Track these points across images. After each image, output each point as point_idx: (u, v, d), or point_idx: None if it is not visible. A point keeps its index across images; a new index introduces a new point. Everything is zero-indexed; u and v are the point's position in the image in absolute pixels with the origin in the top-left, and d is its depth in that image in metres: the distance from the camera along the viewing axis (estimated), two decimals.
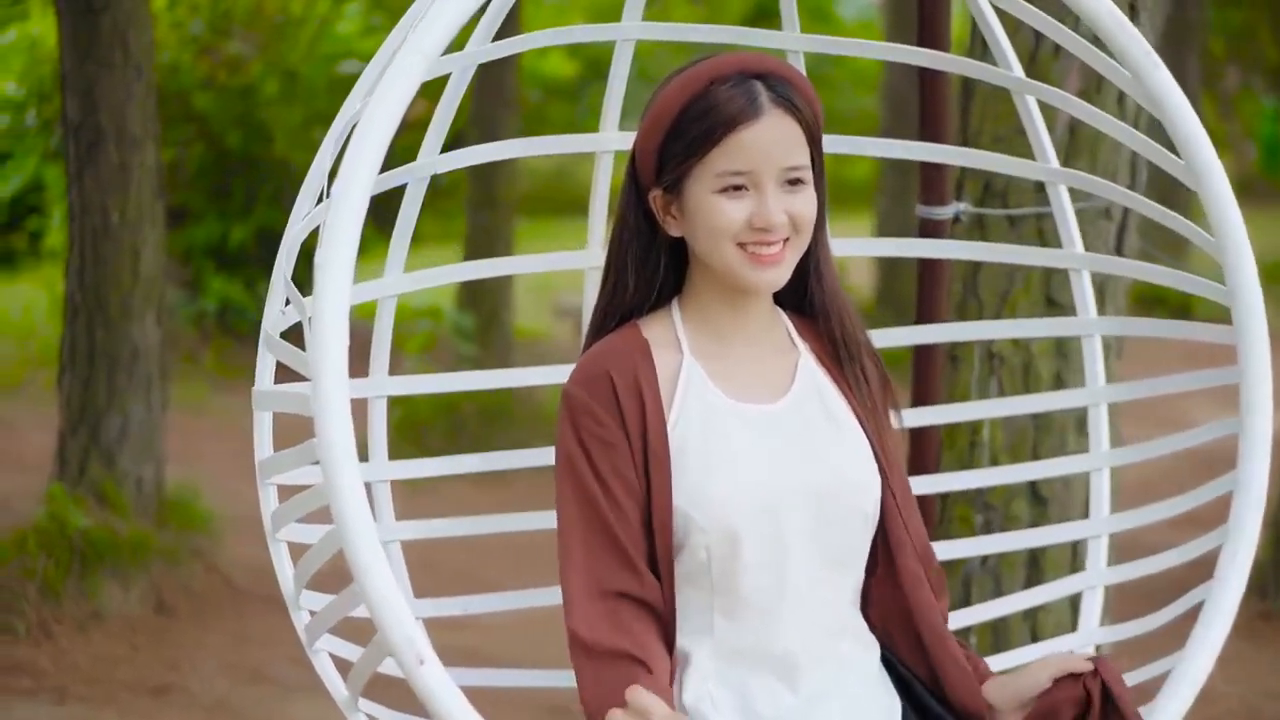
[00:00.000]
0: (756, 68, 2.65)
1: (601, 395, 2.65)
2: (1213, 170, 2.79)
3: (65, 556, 6.50)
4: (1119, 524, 3.38)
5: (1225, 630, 2.73)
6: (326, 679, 2.83)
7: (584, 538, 2.62)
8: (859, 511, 2.71)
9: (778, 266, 2.66)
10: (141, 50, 6.95)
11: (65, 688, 5.87)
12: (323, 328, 2.29)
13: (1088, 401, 3.46)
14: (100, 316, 7.01)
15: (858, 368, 2.80)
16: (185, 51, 12.19)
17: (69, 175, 7.07)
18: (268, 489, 2.90)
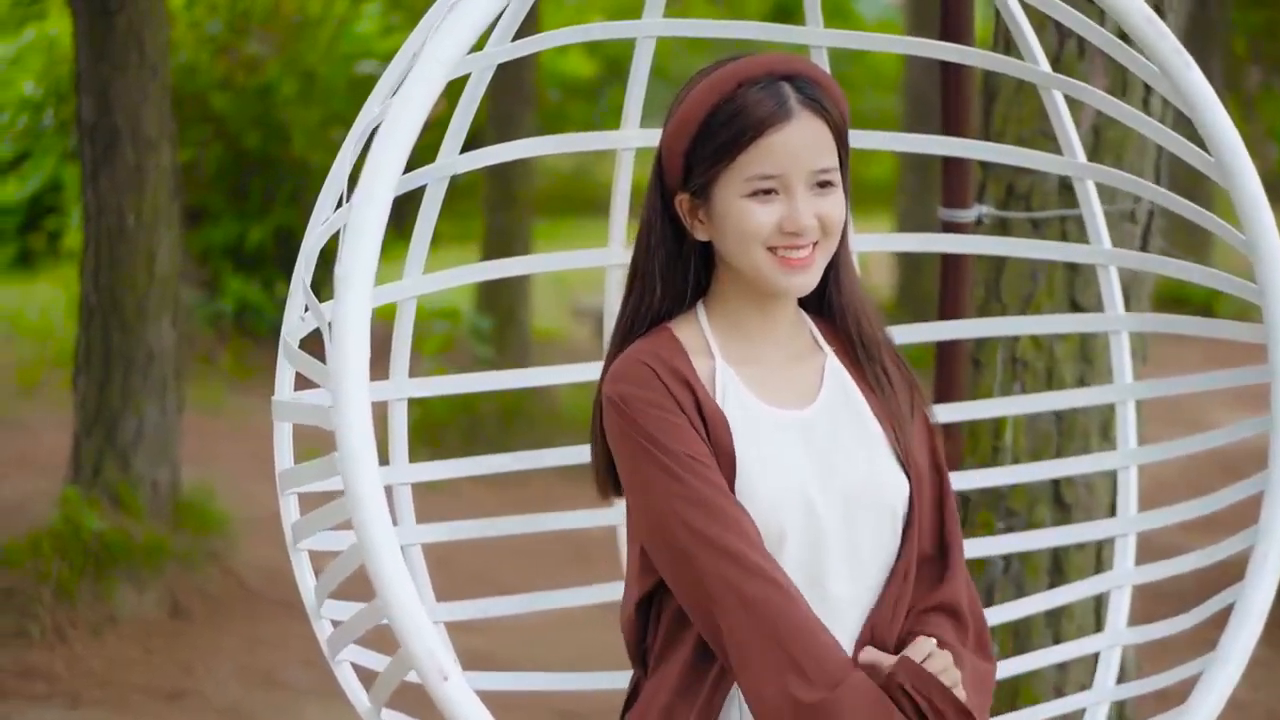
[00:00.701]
0: (785, 69, 2.62)
1: (652, 385, 2.60)
2: (1244, 168, 2.78)
3: (80, 560, 6.48)
4: (1147, 522, 3.35)
5: (1256, 633, 2.72)
6: (348, 689, 2.79)
7: (703, 515, 2.54)
8: (889, 514, 2.67)
9: (808, 270, 2.63)
10: (157, 51, 6.92)
11: (79, 692, 5.85)
12: (344, 340, 2.27)
13: (1115, 398, 3.43)
14: (116, 318, 6.98)
15: (878, 368, 2.76)
16: (203, 51, 12.15)
17: (84, 176, 7.04)
18: (288, 499, 2.85)
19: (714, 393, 2.64)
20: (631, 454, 2.59)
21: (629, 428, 2.58)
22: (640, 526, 2.62)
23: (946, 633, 2.67)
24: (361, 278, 2.28)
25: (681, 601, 2.57)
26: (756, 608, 2.50)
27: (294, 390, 2.89)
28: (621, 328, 2.74)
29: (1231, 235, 2.88)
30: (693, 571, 2.53)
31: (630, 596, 2.71)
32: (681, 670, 2.61)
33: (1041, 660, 3.52)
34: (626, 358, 2.65)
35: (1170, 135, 2.98)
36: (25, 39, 15.64)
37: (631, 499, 2.62)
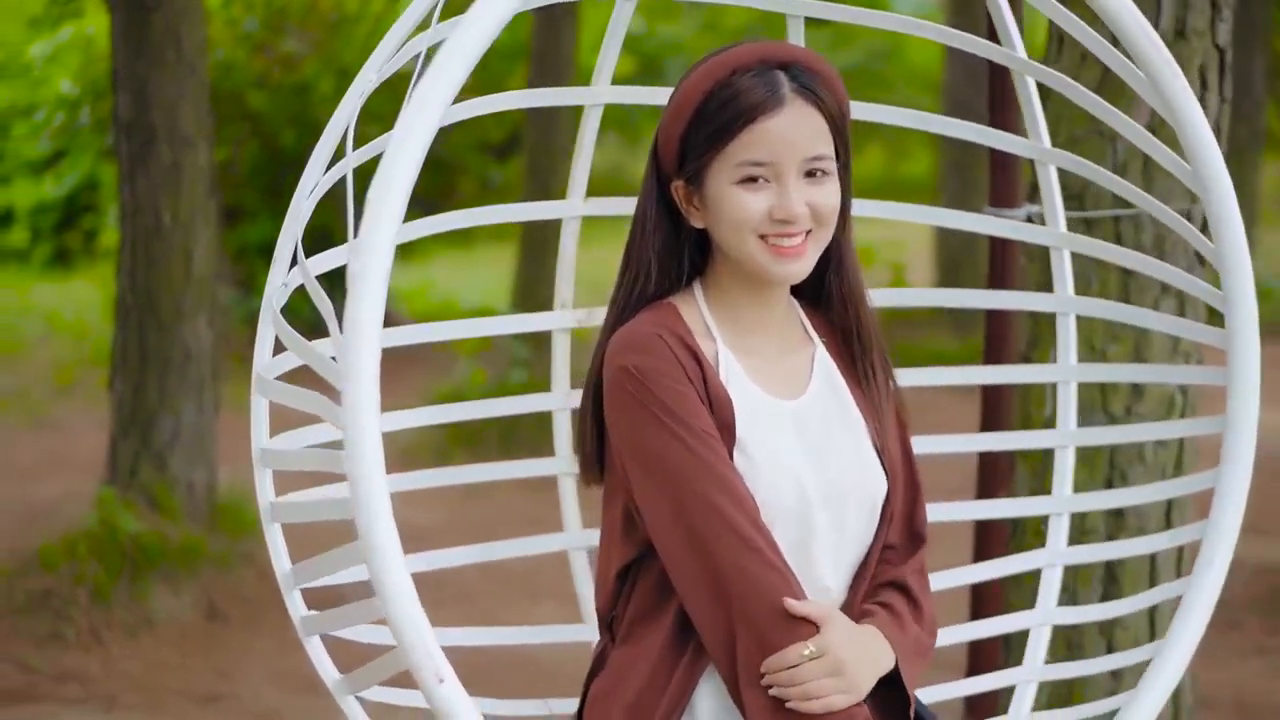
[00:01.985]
0: (780, 57, 2.63)
1: (665, 355, 2.60)
2: (1220, 180, 2.82)
3: (116, 562, 6.45)
4: (1079, 504, 3.48)
5: (1203, 624, 2.87)
6: (317, 662, 2.79)
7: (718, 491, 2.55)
8: (870, 508, 2.71)
9: (800, 259, 2.64)
10: (194, 48, 6.88)
11: (114, 695, 5.82)
12: (358, 356, 2.23)
13: (1059, 378, 3.51)
14: (152, 318, 6.95)
15: (868, 362, 2.79)
16: (239, 49, 12.15)
17: (121, 175, 7.01)
18: (264, 475, 2.85)
19: (718, 373, 2.65)
20: (643, 424, 2.58)
21: (643, 397, 2.58)
22: (646, 496, 2.59)
23: (897, 602, 2.72)
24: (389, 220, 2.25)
25: (678, 573, 2.57)
26: (755, 593, 2.53)
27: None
28: (614, 313, 2.74)
29: (1202, 244, 2.94)
30: (702, 547, 2.54)
31: (611, 562, 2.71)
32: (660, 647, 2.62)
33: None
34: (635, 329, 2.65)
35: (1149, 139, 3.03)
36: (62, 37, 15.69)
37: (638, 469, 2.60)
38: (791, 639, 2.52)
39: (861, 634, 2.59)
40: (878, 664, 2.60)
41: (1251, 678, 5.90)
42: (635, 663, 2.63)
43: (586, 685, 2.75)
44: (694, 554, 2.54)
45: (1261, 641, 6.36)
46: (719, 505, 2.53)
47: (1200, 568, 2.88)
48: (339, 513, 2.53)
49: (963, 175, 12.83)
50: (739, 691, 2.55)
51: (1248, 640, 6.34)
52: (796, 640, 2.52)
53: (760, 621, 2.52)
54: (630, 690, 2.62)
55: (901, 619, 2.69)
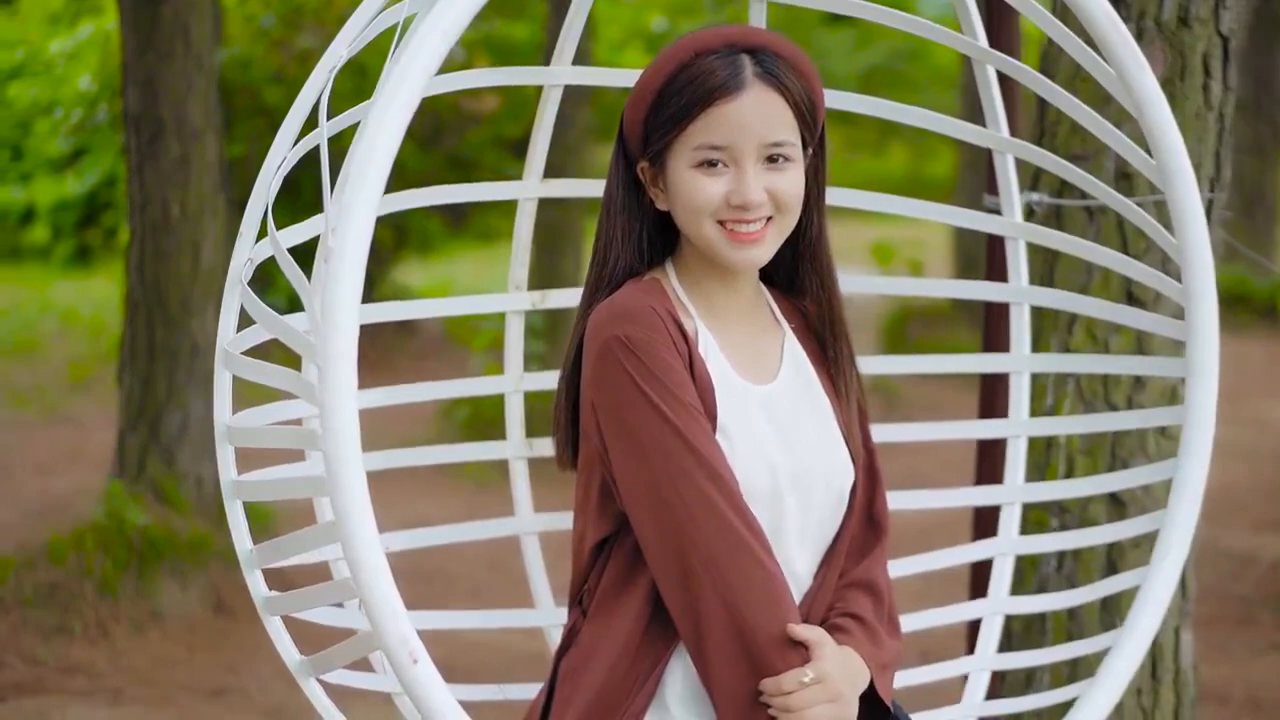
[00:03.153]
0: (746, 41, 2.63)
1: (658, 328, 2.59)
2: (1183, 174, 2.88)
3: (123, 555, 6.44)
4: (1033, 494, 3.56)
5: (1160, 615, 2.92)
6: (278, 641, 2.79)
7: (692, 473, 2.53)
8: (837, 494, 2.72)
9: (758, 245, 2.64)
10: (202, 41, 6.88)
11: (121, 689, 5.81)
12: (335, 333, 2.23)
13: (1012, 368, 3.58)
14: (160, 312, 6.94)
15: (837, 351, 2.80)
16: (256, 45, 12.12)
17: (129, 168, 7.00)
18: (226, 452, 2.85)
19: (698, 350, 2.65)
20: (630, 395, 2.56)
21: (634, 367, 2.56)
22: (625, 470, 2.57)
23: (866, 610, 2.71)
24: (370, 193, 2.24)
25: (651, 549, 2.56)
26: (736, 586, 2.51)
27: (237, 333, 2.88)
28: (588, 293, 2.74)
29: (1163, 238, 3.00)
30: (677, 526, 2.53)
31: (588, 535, 2.69)
32: (631, 622, 2.62)
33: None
34: (625, 300, 2.64)
35: (1113, 132, 3.05)
36: (82, 34, 15.72)
37: (618, 441, 2.58)
38: (788, 663, 2.52)
39: (844, 656, 2.60)
40: (857, 685, 2.60)
41: (1265, 674, 5.87)
42: (606, 639, 2.63)
43: (556, 662, 2.74)
44: (669, 532, 2.54)
45: (1275, 638, 6.34)
46: (698, 483, 2.52)
47: (1156, 558, 2.93)
48: (311, 490, 2.53)
49: (978, 173, 12.78)
50: (709, 681, 2.54)
51: (1261, 637, 6.31)
52: (793, 664, 2.52)
53: (756, 639, 2.51)
54: (601, 667, 2.62)
55: (873, 632, 2.70)
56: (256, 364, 2.68)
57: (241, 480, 2.79)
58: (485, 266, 15.70)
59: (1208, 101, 4.04)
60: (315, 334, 2.29)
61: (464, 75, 3.18)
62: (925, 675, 3.40)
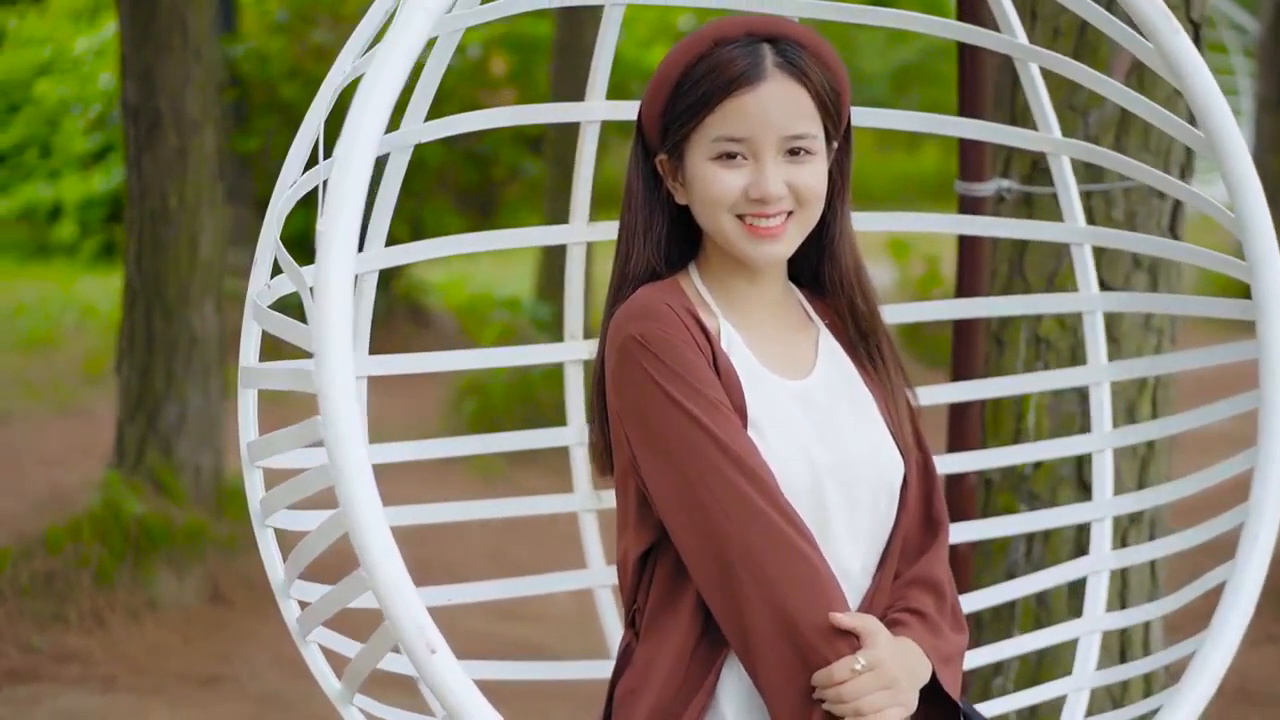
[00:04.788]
0: (767, 30, 2.54)
1: (674, 324, 2.51)
2: (1234, 143, 2.67)
3: (120, 545, 6.46)
4: (1122, 505, 3.33)
5: (1249, 612, 2.63)
6: (317, 671, 2.70)
7: (721, 467, 2.45)
8: (887, 491, 2.60)
9: (777, 240, 2.55)
10: (201, 34, 6.89)
11: (114, 676, 5.83)
12: (328, 297, 2.17)
13: (1090, 380, 3.38)
14: (158, 303, 6.96)
15: (873, 346, 2.70)
16: (272, 40, 12.15)
17: (128, 160, 7.02)
18: (254, 473, 2.76)
19: (720, 347, 2.57)
20: (650, 394, 2.48)
21: (652, 366, 2.48)
22: (654, 473, 2.50)
23: (928, 606, 2.60)
24: (346, 228, 2.18)
25: (689, 552, 2.48)
26: (777, 581, 2.42)
27: (259, 359, 2.82)
28: (611, 294, 2.66)
29: (1220, 213, 2.79)
30: (713, 527, 2.44)
31: (630, 550, 2.61)
32: (681, 638, 2.52)
33: (1018, 648, 3.42)
34: (641, 299, 2.56)
35: (1154, 108, 2.90)
36: (107, 31, 15.77)
37: (644, 444, 2.50)
38: (837, 652, 2.42)
39: (901, 646, 2.49)
40: (916, 676, 2.50)
41: (1259, 665, 5.83)
42: (658, 657, 2.54)
43: (612, 686, 2.65)
44: (705, 532, 2.45)
45: (1274, 629, 6.29)
46: (730, 478, 2.44)
47: (1243, 552, 2.65)
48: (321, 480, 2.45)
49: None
50: (760, 682, 2.46)
51: (1259, 628, 6.24)
52: (842, 653, 2.42)
53: (801, 631, 2.41)
54: (655, 685, 2.53)
55: (934, 625, 2.59)
56: (278, 371, 2.64)
57: (271, 496, 2.69)
58: (506, 265, 15.70)
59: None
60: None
61: (499, 113, 3.14)
62: (1029, 698, 3.33)
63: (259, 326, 2.73)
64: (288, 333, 2.49)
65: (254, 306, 2.71)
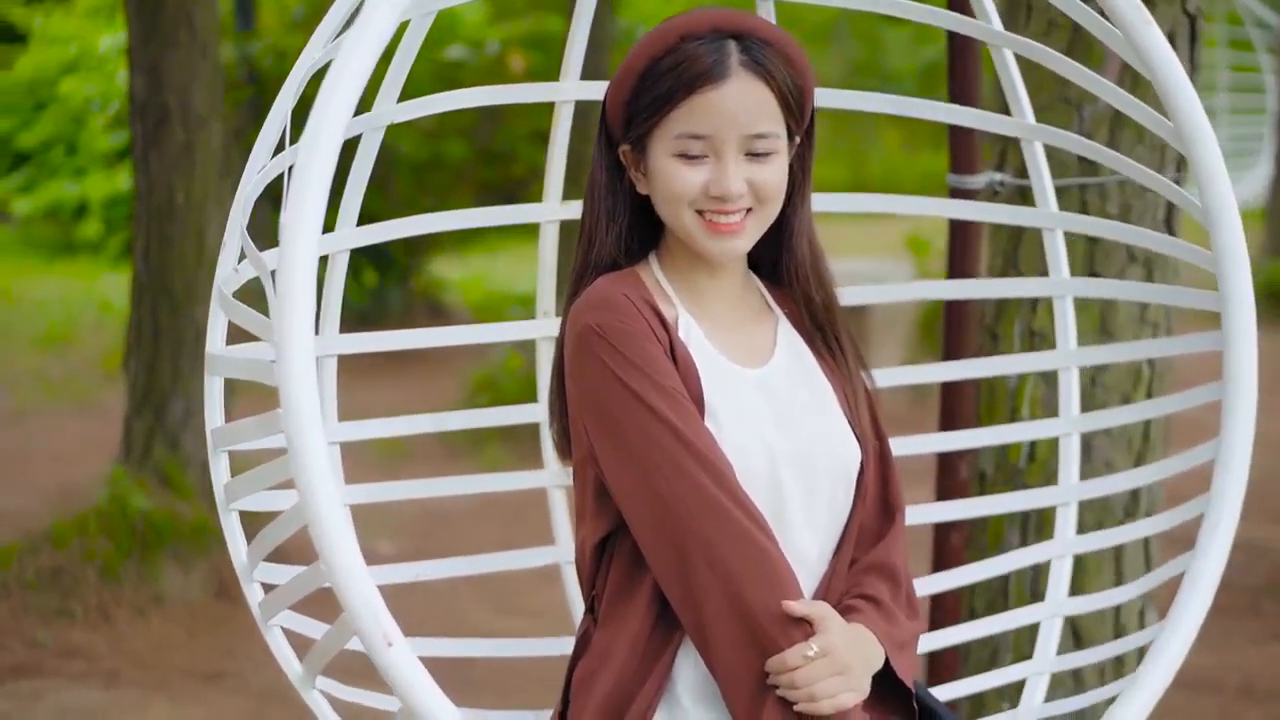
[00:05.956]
0: (733, 26, 2.54)
1: (632, 314, 2.53)
2: (1203, 134, 2.70)
3: (126, 540, 6.45)
4: (1087, 491, 3.35)
5: (1207, 602, 2.66)
6: (280, 656, 2.75)
7: (677, 456, 2.46)
8: (844, 478, 2.64)
9: (736, 237, 2.58)
10: (206, 28, 6.89)
11: (118, 671, 5.82)
12: (290, 288, 2.17)
13: (1060, 364, 3.40)
14: (165, 298, 6.96)
15: (831, 335, 2.73)
16: (290, 37, 12.15)
17: (134, 155, 7.03)
18: (220, 458, 2.80)
19: (678, 337, 2.58)
20: (608, 385, 2.50)
21: (609, 356, 2.50)
22: (612, 463, 2.52)
23: (883, 593, 2.63)
24: (309, 217, 2.18)
25: (646, 541, 2.50)
26: (733, 569, 2.44)
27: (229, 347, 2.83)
28: (573, 282, 2.68)
29: (1189, 204, 2.81)
30: (671, 516, 2.46)
31: (588, 538, 2.63)
32: (638, 624, 2.54)
33: (973, 631, 3.44)
34: (598, 289, 2.58)
35: (1126, 98, 2.91)
36: None
37: (603, 434, 2.52)
38: (790, 639, 2.44)
39: (855, 632, 2.52)
40: (870, 662, 2.52)
41: (1263, 663, 5.81)
42: (616, 642, 2.56)
43: (570, 670, 2.68)
44: (662, 521, 2.47)
45: (1278, 628, 6.27)
46: (687, 469, 2.45)
47: (1202, 542, 2.70)
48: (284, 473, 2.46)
49: None
50: (715, 668, 2.48)
51: (1265, 626, 6.25)
52: (795, 640, 2.44)
53: (756, 618, 2.44)
54: (612, 673, 2.55)
55: (889, 612, 2.62)
56: (245, 364, 2.65)
57: (236, 483, 2.73)
58: (525, 262, 15.71)
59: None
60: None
61: (472, 93, 3.12)
62: (981, 684, 3.33)
63: (225, 314, 2.74)
64: (251, 323, 2.50)
65: (220, 294, 2.72)
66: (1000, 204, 3.79)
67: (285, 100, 2.75)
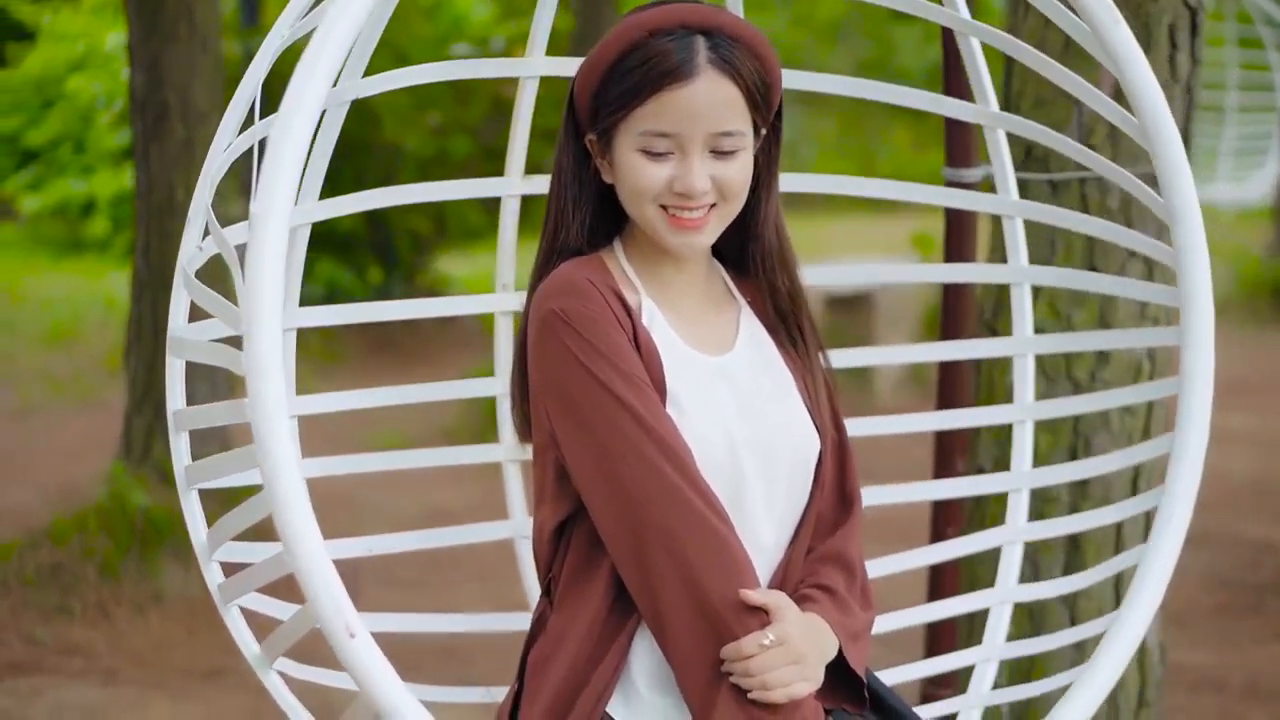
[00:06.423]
0: (702, 22, 2.55)
1: (595, 300, 2.54)
2: (1167, 131, 2.73)
3: (126, 537, 6.44)
4: (1039, 479, 3.42)
5: (1159, 594, 2.72)
6: (237, 635, 2.77)
7: (639, 442, 2.48)
8: (803, 467, 2.66)
9: (699, 232, 2.59)
10: (207, 24, 6.88)
11: (116, 669, 5.80)
12: (259, 275, 2.16)
13: (1015, 351, 3.45)
14: (164, 294, 6.86)
15: (794, 325, 2.75)
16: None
17: (135, 151, 7.02)
18: (180, 438, 2.84)
19: (641, 323, 2.60)
20: (571, 370, 2.51)
21: (573, 341, 2.51)
22: (573, 448, 2.53)
23: (838, 583, 2.66)
24: (282, 195, 2.17)
25: (605, 526, 2.51)
26: (692, 557, 2.46)
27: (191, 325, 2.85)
28: (537, 267, 2.69)
29: (1150, 199, 2.84)
30: (632, 499, 2.48)
31: (547, 521, 2.64)
32: (595, 608, 2.57)
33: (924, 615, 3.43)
34: (564, 274, 2.59)
35: (1093, 92, 2.92)
36: None
37: (564, 419, 2.53)
38: (746, 628, 2.46)
39: (810, 622, 2.54)
40: (824, 652, 2.54)
41: (1267, 662, 5.78)
42: (572, 626, 2.58)
43: (525, 652, 2.69)
44: (621, 508, 2.48)
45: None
46: (648, 455, 2.47)
47: (1155, 535, 2.74)
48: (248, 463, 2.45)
49: None
50: (671, 655, 2.49)
51: (1269, 626, 6.22)
52: (751, 629, 2.46)
53: (713, 606, 2.45)
54: (567, 656, 2.57)
55: (843, 603, 2.65)
56: (209, 348, 2.64)
57: (195, 468, 2.76)
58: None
59: (1174, 74, 3.97)
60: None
61: (436, 68, 3.12)
62: (930, 668, 3.37)
63: (188, 293, 2.73)
64: (214, 306, 2.50)
65: (183, 273, 2.71)
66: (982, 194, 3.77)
67: (253, 78, 2.79)
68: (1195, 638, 5.95)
